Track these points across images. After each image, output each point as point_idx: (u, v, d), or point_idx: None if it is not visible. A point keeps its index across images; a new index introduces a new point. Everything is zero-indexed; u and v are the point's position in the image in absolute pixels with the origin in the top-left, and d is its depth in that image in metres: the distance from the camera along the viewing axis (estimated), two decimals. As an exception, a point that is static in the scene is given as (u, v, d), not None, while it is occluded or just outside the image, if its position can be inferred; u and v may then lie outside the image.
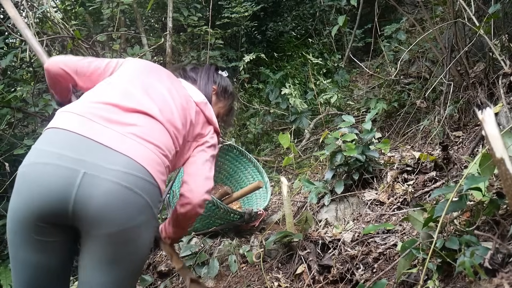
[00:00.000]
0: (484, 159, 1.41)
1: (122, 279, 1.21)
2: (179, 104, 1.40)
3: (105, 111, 1.22)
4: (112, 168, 1.12)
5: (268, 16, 5.95)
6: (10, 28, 2.97)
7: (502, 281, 1.22)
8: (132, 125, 1.22)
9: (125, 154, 1.15)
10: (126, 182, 1.12)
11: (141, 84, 1.37)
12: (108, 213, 1.10)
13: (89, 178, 1.09)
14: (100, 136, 1.15)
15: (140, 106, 1.28)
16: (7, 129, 3.14)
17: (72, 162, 1.10)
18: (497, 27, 2.83)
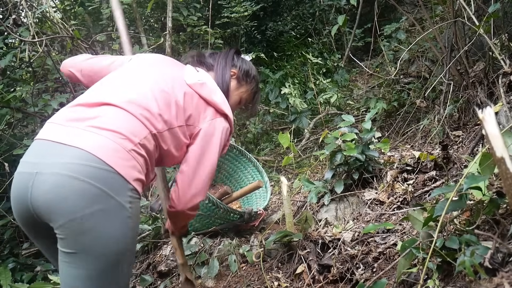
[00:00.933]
0: (484, 158, 1.41)
1: (88, 274, 1.14)
2: (158, 88, 1.36)
3: (72, 113, 1.26)
4: (59, 162, 1.12)
5: (268, 16, 5.95)
6: (9, 28, 2.96)
7: (502, 281, 1.21)
8: (92, 118, 1.21)
9: (75, 146, 1.14)
10: (71, 172, 1.10)
11: (124, 78, 1.38)
12: (55, 205, 1.10)
13: (39, 176, 1.12)
14: (58, 136, 1.18)
15: (103, 98, 1.28)
16: (6, 129, 3.14)
17: (30, 166, 1.15)
18: (497, 26, 2.83)
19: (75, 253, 1.13)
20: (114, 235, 1.15)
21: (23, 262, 2.93)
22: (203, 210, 2.54)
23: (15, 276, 2.74)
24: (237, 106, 1.75)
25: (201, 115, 1.43)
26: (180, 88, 1.40)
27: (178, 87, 1.40)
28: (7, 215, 2.95)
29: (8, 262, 2.85)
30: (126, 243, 1.19)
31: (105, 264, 1.15)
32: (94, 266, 1.14)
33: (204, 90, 1.45)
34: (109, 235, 1.14)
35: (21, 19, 3.36)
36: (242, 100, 1.73)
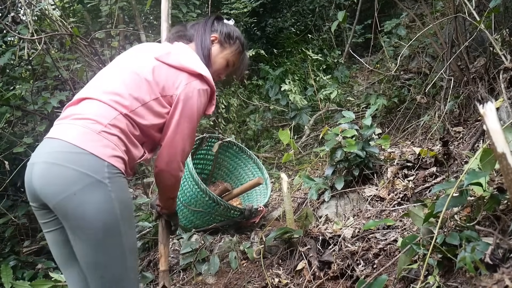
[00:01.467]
0: (485, 154, 1.40)
1: (90, 247, 1.29)
2: (127, 71, 1.47)
3: (64, 113, 1.45)
4: (44, 152, 1.33)
5: (267, 12, 5.93)
6: (8, 26, 2.95)
7: (503, 276, 1.21)
8: (73, 114, 1.39)
9: (56, 137, 1.33)
10: (52, 159, 1.29)
11: (103, 73, 1.53)
12: (45, 189, 1.29)
13: (34, 166, 1.32)
14: (50, 133, 1.38)
15: (84, 94, 1.44)
16: (6, 127, 3.14)
17: (31, 160, 1.36)
18: (498, 21, 2.81)
19: (73, 229, 1.30)
20: (100, 207, 1.28)
21: (24, 260, 2.93)
22: (203, 207, 2.54)
23: (16, 274, 2.75)
24: (226, 69, 1.76)
25: (175, 83, 1.48)
26: (148, 65, 1.48)
27: (147, 65, 1.48)
28: (7, 213, 2.95)
29: (9, 260, 2.85)
30: (115, 214, 1.31)
31: (102, 234, 1.29)
32: (93, 237, 1.29)
33: (170, 58, 1.50)
34: (95, 209, 1.28)
35: (20, 17, 3.34)
36: (229, 63, 1.74)
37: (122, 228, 1.33)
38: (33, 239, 3.18)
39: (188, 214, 2.68)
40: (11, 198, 3.37)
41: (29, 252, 3.08)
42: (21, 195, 3.47)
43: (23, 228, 3.16)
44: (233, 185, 3.20)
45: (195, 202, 2.53)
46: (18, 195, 3.47)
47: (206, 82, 1.52)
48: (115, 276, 1.34)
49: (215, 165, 3.25)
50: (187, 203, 2.63)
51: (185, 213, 2.70)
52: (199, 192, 2.49)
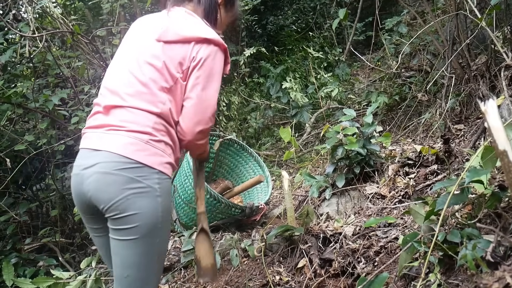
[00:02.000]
0: (486, 151, 1.40)
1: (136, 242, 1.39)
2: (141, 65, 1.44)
3: (94, 121, 1.48)
4: (95, 163, 1.39)
5: (268, 10, 5.92)
6: (9, 24, 2.95)
7: (504, 274, 1.21)
8: (109, 123, 1.42)
9: (103, 149, 1.39)
10: (105, 169, 1.37)
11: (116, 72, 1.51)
12: (99, 195, 1.38)
13: (85, 176, 1.40)
14: (91, 144, 1.44)
15: (108, 101, 1.45)
16: (7, 125, 3.14)
17: (79, 169, 1.44)
18: (499, 19, 2.81)
19: (117, 228, 1.39)
20: (147, 210, 1.38)
21: (25, 257, 2.95)
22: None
23: (18, 271, 2.76)
24: (228, 26, 1.79)
25: (187, 55, 1.45)
26: (155, 50, 1.45)
27: (154, 51, 1.45)
28: (9, 211, 2.96)
29: (10, 257, 2.86)
30: (156, 217, 1.41)
31: (139, 234, 1.39)
32: (131, 237, 1.39)
33: (170, 34, 1.46)
34: (143, 211, 1.38)
35: (21, 15, 3.34)
36: (232, 22, 1.78)
37: (159, 232, 1.43)
38: (34, 237, 3.20)
39: (189, 212, 2.68)
40: (13, 195, 3.38)
41: (30, 249, 3.09)
42: (22, 192, 3.48)
43: (25, 225, 3.17)
44: (234, 183, 3.21)
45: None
46: (20, 192, 3.48)
47: (215, 44, 1.48)
48: (140, 278, 1.43)
49: (216, 163, 3.25)
50: (188, 201, 2.64)
51: (186, 210, 2.71)
52: None
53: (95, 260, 2.63)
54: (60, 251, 3.11)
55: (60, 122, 3.27)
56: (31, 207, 3.33)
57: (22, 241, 3.13)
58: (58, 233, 3.19)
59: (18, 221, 3.06)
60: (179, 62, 1.44)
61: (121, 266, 1.42)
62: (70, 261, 3.07)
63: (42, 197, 3.51)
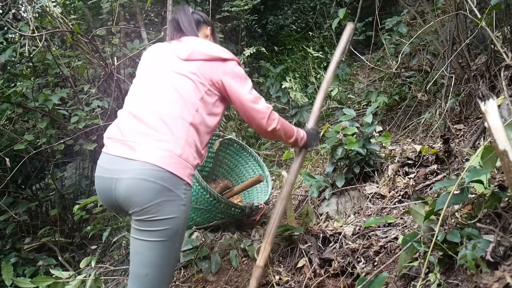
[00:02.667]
0: (486, 151, 1.40)
1: (156, 244, 1.54)
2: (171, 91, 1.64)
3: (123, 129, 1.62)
4: (131, 169, 1.53)
5: (268, 10, 5.92)
6: (9, 23, 2.95)
7: (504, 274, 1.21)
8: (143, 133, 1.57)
9: (141, 160, 1.53)
10: (141, 176, 1.51)
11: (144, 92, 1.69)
12: (132, 199, 1.52)
13: (119, 181, 1.54)
14: (124, 152, 1.57)
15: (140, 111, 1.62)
16: (7, 124, 3.14)
17: (109, 173, 1.57)
18: (499, 19, 2.81)
19: (144, 230, 1.53)
20: (172, 217, 1.55)
21: (25, 256, 2.94)
22: (204, 204, 2.54)
23: (17, 270, 2.75)
24: None
25: (213, 71, 1.68)
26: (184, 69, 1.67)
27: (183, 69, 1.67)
28: (8, 210, 2.96)
29: (10, 256, 2.86)
30: (179, 224, 1.58)
31: (164, 237, 1.54)
32: (156, 239, 1.54)
33: (196, 54, 1.69)
34: (169, 217, 1.54)
35: (21, 14, 3.34)
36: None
37: (179, 238, 1.61)
38: (34, 236, 3.19)
39: (189, 212, 2.68)
40: (12, 195, 3.37)
41: (30, 249, 3.09)
42: (21, 192, 3.48)
43: (24, 225, 3.17)
44: (233, 183, 3.21)
45: (196, 200, 2.54)
46: (19, 192, 3.48)
47: (231, 60, 1.73)
48: (158, 277, 1.57)
49: (216, 162, 3.25)
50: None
51: None
52: (200, 189, 2.49)
53: (95, 259, 2.63)
54: (60, 251, 3.11)
55: (60, 121, 3.27)
56: (31, 206, 3.33)
57: (22, 241, 3.13)
58: (58, 232, 3.19)
59: (18, 221, 3.06)
60: (209, 73, 1.67)
61: (142, 265, 1.55)
62: (69, 261, 3.07)
63: (41, 197, 3.51)
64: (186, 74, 1.65)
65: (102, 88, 3.90)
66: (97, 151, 3.62)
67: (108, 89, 3.91)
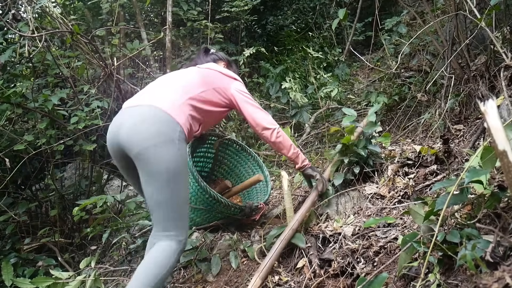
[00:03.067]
0: (486, 152, 1.40)
1: (158, 187, 1.78)
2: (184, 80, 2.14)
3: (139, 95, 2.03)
4: (134, 113, 1.86)
5: (268, 10, 5.93)
6: (8, 23, 2.95)
7: (503, 274, 1.21)
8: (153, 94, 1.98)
9: (144, 104, 1.88)
10: (141, 117, 1.82)
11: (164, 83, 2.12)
12: (132, 138, 1.78)
13: (123, 125, 1.84)
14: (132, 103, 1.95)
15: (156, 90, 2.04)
16: (7, 125, 3.14)
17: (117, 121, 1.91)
18: (499, 19, 2.81)
19: (148, 172, 1.78)
20: (169, 158, 1.78)
21: (24, 257, 2.94)
22: (203, 204, 2.54)
23: (17, 271, 2.75)
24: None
25: (223, 82, 2.22)
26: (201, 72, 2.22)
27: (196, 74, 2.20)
28: (8, 211, 2.96)
29: (10, 257, 2.86)
30: (178, 165, 1.81)
31: (167, 177, 1.78)
32: (161, 179, 1.77)
33: (213, 66, 2.32)
34: (166, 158, 1.78)
35: (21, 14, 3.34)
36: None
37: (180, 178, 1.83)
38: (33, 237, 3.19)
39: (189, 212, 2.68)
40: (12, 195, 3.37)
41: (29, 249, 3.09)
42: (21, 192, 3.47)
43: (24, 225, 3.17)
44: (233, 183, 3.20)
45: (195, 200, 2.54)
46: (19, 192, 3.48)
47: (238, 80, 2.31)
48: (171, 212, 1.82)
49: (216, 163, 3.25)
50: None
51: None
52: (199, 189, 2.49)
53: (94, 260, 2.63)
54: (59, 251, 3.11)
55: (60, 122, 3.27)
56: (31, 207, 3.33)
57: (21, 241, 3.13)
58: (57, 233, 3.18)
59: (17, 221, 3.06)
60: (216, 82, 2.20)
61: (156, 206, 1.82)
62: (69, 261, 3.07)
63: (41, 197, 3.51)
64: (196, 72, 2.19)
65: (102, 89, 3.90)
66: (97, 152, 3.63)
67: (107, 90, 3.91)
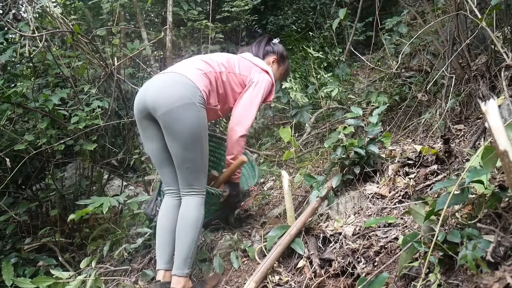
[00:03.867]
0: (487, 151, 1.40)
1: (183, 145, 2.03)
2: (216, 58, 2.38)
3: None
4: (159, 79, 2.11)
5: (269, 10, 5.93)
6: (9, 23, 2.95)
7: (504, 274, 1.21)
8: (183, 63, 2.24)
9: (169, 71, 2.15)
10: (165, 82, 2.07)
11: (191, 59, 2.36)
12: (159, 99, 2.01)
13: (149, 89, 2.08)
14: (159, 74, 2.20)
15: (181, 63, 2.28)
16: (7, 125, 3.14)
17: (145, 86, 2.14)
18: (499, 19, 2.81)
19: (173, 131, 2.01)
20: (192, 120, 2.01)
21: (25, 257, 2.94)
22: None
23: (17, 271, 2.75)
24: (279, 79, 2.80)
25: (251, 71, 2.41)
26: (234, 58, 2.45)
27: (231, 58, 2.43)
28: (8, 210, 2.96)
29: (10, 257, 2.85)
30: (200, 128, 2.06)
31: (190, 136, 2.02)
32: (185, 138, 2.02)
33: (247, 56, 2.52)
34: (189, 120, 2.01)
35: (21, 14, 3.34)
36: (282, 75, 2.79)
37: (202, 136, 2.08)
38: (34, 237, 3.19)
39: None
40: (12, 195, 3.37)
41: (30, 249, 3.09)
42: (22, 192, 3.48)
43: (24, 225, 3.17)
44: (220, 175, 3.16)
45: None
46: (19, 192, 3.48)
47: (270, 77, 2.46)
48: (195, 168, 2.09)
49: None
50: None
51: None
52: None
53: (95, 260, 2.63)
54: (60, 251, 3.11)
55: (60, 121, 3.27)
56: (31, 207, 3.33)
57: (22, 241, 3.12)
58: (58, 233, 3.18)
59: (18, 221, 3.06)
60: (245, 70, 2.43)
61: (182, 162, 2.08)
62: (69, 261, 3.07)
63: (41, 197, 3.51)
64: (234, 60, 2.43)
65: (102, 89, 3.90)
66: (97, 151, 3.62)
67: (108, 90, 3.91)
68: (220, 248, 2.51)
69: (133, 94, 4.19)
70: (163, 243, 2.17)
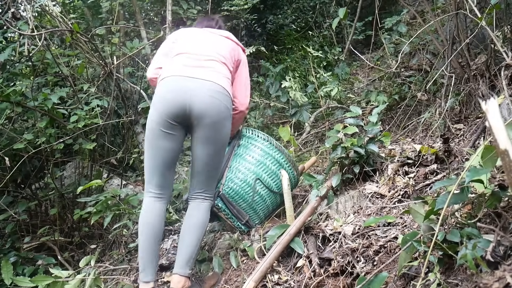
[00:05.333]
0: (486, 151, 1.40)
1: (214, 152, 2.16)
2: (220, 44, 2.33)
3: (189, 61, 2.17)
4: (205, 87, 2.08)
5: (268, 9, 5.92)
6: (8, 22, 2.94)
7: (504, 274, 1.21)
8: (207, 66, 2.16)
9: (209, 80, 2.10)
10: (213, 94, 2.08)
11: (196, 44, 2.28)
12: (206, 111, 2.05)
13: (195, 94, 2.05)
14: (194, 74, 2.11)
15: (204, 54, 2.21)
16: (6, 124, 3.13)
17: (184, 87, 2.07)
18: (499, 18, 2.81)
19: (211, 139, 2.11)
20: (228, 130, 2.19)
21: (24, 256, 2.94)
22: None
23: (17, 270, 2.75)
24: None
25: (240, 54, 2.40)
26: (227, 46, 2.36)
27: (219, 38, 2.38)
28: (8, 209, 2.96)
29: (9, 256, 2.85)
30: (228, 136, 2.23)
31: (221, 146, 2.19)
32: (215, 147, 2.15)
33: (232, 36, 2.46)
34: (227, 130, 2.17)
35: (20, 13, 3.33)
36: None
37: (225, 147, 2.25)
38: (33, 235, 3.19)
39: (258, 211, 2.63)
40: (12, 194, 3.37)
41: (29, 248, 3.09)
42: (21, 191, 3.47)
43: (24, 224, 3.16)
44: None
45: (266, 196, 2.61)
46: (19, 191, 3.48)
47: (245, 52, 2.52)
48: (215, 173, 2.24)
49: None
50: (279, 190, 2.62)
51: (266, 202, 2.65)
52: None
53: (94, 258, 2.62)
54: (59, 250, 3.10)
55: (59, 120, 3.27)
56: (30, 205, 3.33)
57: (21, 240, 3.12)
58: (57, 232, 3.18)
59: (17, 220, 3.06)
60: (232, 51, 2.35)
61: (206, 166, 2.17)
62: (69, 260, 3.07)
63: (41, 196, 3.51)
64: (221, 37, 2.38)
65: (102, 87, 3.90)
66: (96, 150, 3.62)
67: (107, 88, 3.91)
68: (219, 248, 2.51)
69: (132, 93, 4.18)
70: (150, 252, 2.07)
